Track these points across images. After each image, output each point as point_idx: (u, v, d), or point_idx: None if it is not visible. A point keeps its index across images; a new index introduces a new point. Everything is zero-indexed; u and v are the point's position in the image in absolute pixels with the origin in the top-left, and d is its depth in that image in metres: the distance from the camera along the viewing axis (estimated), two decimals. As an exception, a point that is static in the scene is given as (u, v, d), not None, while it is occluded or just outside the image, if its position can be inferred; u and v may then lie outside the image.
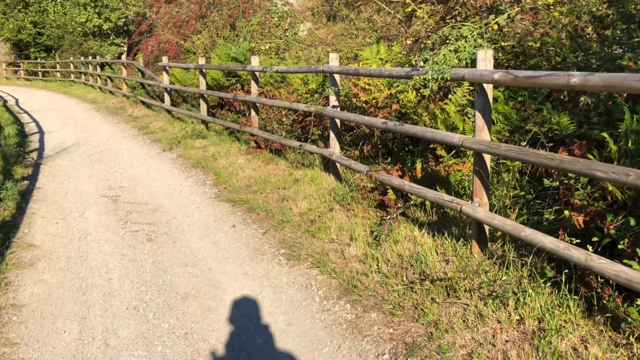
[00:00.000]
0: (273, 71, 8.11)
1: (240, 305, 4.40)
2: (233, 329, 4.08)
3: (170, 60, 16.02)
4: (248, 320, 4.18)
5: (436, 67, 4.50)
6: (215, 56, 12.78)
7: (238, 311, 4.31)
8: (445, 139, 4.63)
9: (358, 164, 6.27)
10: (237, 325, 4.11)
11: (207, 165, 9.14)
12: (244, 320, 4.18)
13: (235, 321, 4.17)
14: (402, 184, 5.27)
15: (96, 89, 23.66)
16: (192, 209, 6.95)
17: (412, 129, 5.10)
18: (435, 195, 4.80)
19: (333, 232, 5.51)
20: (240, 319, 4.19)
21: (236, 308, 4.36)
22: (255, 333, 4.01)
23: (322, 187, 6.84)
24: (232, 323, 4.15)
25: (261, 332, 4.01)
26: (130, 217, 6.70)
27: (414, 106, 6.36)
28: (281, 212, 6.34)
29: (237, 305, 4.40)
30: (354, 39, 12.46)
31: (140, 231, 6.18)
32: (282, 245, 5.52)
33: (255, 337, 3.96)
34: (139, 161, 9.93)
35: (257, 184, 7.63)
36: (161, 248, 5.66)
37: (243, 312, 4.30)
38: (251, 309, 4.34)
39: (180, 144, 11.04)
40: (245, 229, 6.11)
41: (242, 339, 3.93)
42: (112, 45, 28.25)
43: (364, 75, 5.91)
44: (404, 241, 4.97)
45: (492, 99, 4.32)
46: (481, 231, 4.44)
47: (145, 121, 14.52)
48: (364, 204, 5.95)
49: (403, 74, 5.14)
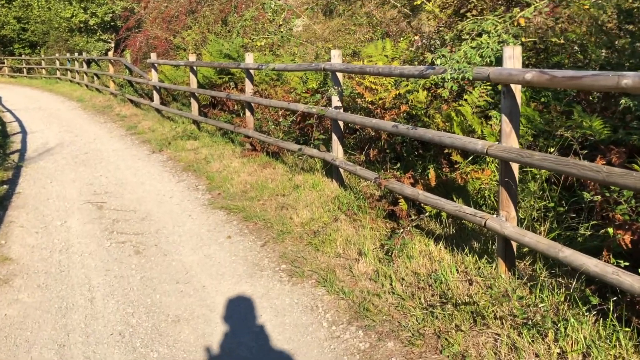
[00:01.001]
0: (269, 69, 7.68)
1: (239, 331, 3.98)
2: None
3: (159, 57, 15.57)
4: (247, 350, 3.75)
5: (456, 66, 4.10)
6: (206, 53, 12.33)
7: (236, 338, 3.89)
8: (466, 145, 4.23)
9: (364, 170, 5.86)
10: (236, 356, 3.69)
11: (199, 168, 8.71)
12: (243, 350, 3.75)
13: (233, 351, 3.75)
14: (415, 193, 4.86)
15: (83, 86, 23.15)
16: (183, 217, 6.51)
17: (427, 133, 4.69)
18: (455, 207, 4.39)
19: (339, 245, 5.10)
20: (240, 349, 3.77)
21: (234, 334, 3.94)
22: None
23: (324, 194, 6.42)
24: (230, 353, 3.73)
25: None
26: (116, 226, 6.26)
27: (425, 107, 5.95)
28: (281, 222, 5.92)
29: (234, 331, 3.98)
30: (352, 35, 12.06)
31: (127, 242, 5.74)
32: (283, 259, 5.10)
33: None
34: (127, 164, 9.48)
35: (253, 189, 7.21)
36: (150, 262, 5.23)
37: (242, 339, 3.87)
38: (251, 336, 3.91)
39: (170, 145, 10.60)
40: (242, 240, 5.69)
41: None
42: (98, 41, 27.71)
43: (372, 73, 5.50)
44: (419, 257, 4.57)
45: (520, 101, 3.92)
46: (508, 248, 4.04)
47: (133, 120, 14.06)
48: (372, 213, 5.54)
49: (416, 72, 4.73)
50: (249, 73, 8.86)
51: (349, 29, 12.41)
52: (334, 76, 6.40)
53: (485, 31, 4.19)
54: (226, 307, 4.32)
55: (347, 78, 7.28)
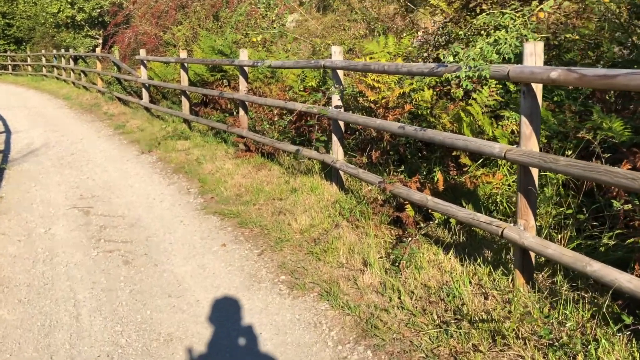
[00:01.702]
0: (265, 66, 7.40)
1: (237, 352, 3.71)
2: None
3: (149, 53, 15.24)
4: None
5: (472, 63, 3.84)
6: (197, 49, 12.03)
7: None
8: (481, 148, 3.97)
9: (367, 173, 5.60)
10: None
11: (190, 170, 8.42)
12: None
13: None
14: (423, 199, 4.60)
15: (69, 83, 22.78)
16: (175, 223, 6.23)
17: (437, 135, 4.43)
18: (468, 215, 4.14)
19: (342, 254, 4.84)
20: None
21: (232, 356, 3.67)
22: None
23: (323, 198, 6.16)
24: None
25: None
26: (103, 233, 5.97)
27: (430, 107, 5.70)
28: (278, 228, 5.65)
29: (233, 353, 3.71)
30: (346, 31, 11.81)
31: (115, 251, 5.46)
32: (282, 270, 4.83)
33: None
34: (115, 165, 9.18)
35: (248, 193, 6.93)
36: (140, 273, 4.95)
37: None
38: (251, 357, 3.65)
39: (160, 146, 10.30)
40: (238, 248, 5.41)
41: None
42: (86, 37, 27.29)
43: (376, 71, 5.23)
44: (428, 267, 4.31)
45: (541, 101, 3.67)
46: (526, 259, 3.79)
47: (121, 119, 13.75)
48: (375, 219, 5.28)
49: (426, 70, 4.47)
50: (243, 70, 8.57)
51: (344, 25, 12.16)
52: (334, 74, 6.13)
53: (502, 26, 3.94)
54: (222, 324, 4.05)
55: (346, 76, 7.01)
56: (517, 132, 5.00)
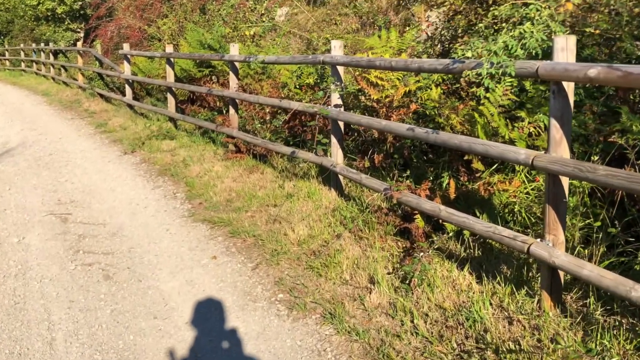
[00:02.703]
0: (258, 61, 7.02)
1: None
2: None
3: (132, 47, 14.81)
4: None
5: (494, 59, 3.50)
6: (184, 43, 11.63)
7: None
8: (504, 154, 3.63)
9: (371, 179, 5.24)
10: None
11: (177, 172, 8.03)
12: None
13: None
14: (435, 209, 4.25)
15: (49, 79, 22.25)
16: (160, 232, 5.85)
17: (452, 139, 4.08)
18: (487, 228, 3.79)
19: (345, 269, 4.48)
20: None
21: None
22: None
23: (322, 205, 5.80)
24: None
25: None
26: (82, 243, 5.58)
27: (438, 106, 5.36)
28: (274, 239, 5.29)
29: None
30: (338, 25, 11.47)
31: (95, 265, 5.07)
32: (280, 287, 4.47)
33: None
34: (96, 167, 8.77)
35: (240, 198, 6.56)
36: (122, 290, 4.57)
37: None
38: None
39: (144, 146, 9.89)
40: (230, 261, 5.05)
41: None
42: (67, 30, 26.73)
43: (383, 68, 4.88)
44: (441, 285, 3.97)
45: (573, 101, 3.34)
46: (555, 279, 3.46)
47: (103, 117, 13.31)
48: (380, 230, 4.93)
49: (440, 67, 4.12)
50: (233, 66, 8.19)
51: (335, 19, 11.82)
52: (334, 70, 5.76)
53: (528, 18, 3.59)
54: (215, 351, 3.68)
55: (345, 73, 6.66)
56: (535, 134, 4.68)
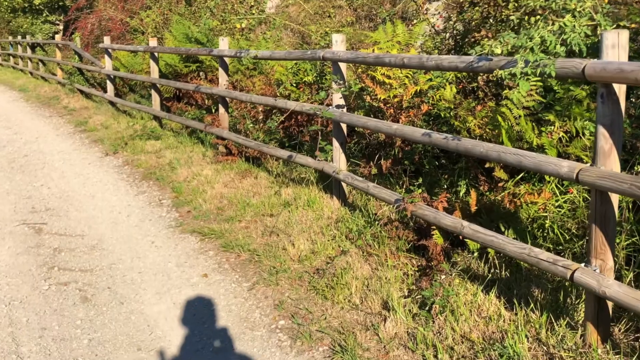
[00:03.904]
0: (250, 57, 6.60)
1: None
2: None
3: (114, 41, 14.32)
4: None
5: (531, 57, 3.11)
6: (170, 37, 11.17)
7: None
8: (541, 166, 3.24)
9: (380, 188, 4.84)
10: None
11: (162, 176, 7.60)
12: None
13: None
14: (457, 224, 3.86)
15: (26, 73, 21.69)
16: (144, 244, 5.43)
17: (477, 146, 3.69)
18: (521, 250, 3.40)
19: (355, 292, 4.08)
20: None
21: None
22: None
23: (323, 215, 5.40)
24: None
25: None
26: (58, 259, 5.14)
27: (454, 107, 4.97)
28: (272, 254, 4.88)
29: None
30: (332, 18, 11.07)
31: (71, 284, 4.64)
32: (280, 311, 4.06)
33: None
34: (75, 170, 8.32)
35: (232, 206, 6.14)
36: (101, 315, 4.15)
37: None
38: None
39: (127, 146, 9.44)
40: (223, 280, 4.63)
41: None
42: (45, 23, 26.10)
43: (392, 65, 4.47)
44: (466, 312, 3.59)
45: (624, 107, 2.96)
46: (602, 310, 3.08)
47: (83, 115, 12.83)
48: (392, 245, 4.53)
49: (462, 65, 3.73)
50: (223, 62, 7.75)
51: (328, 11, 11.43)
52: (335, 67, 5.36)
53: (567, 9, 3.21)
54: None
55: (347, 69, 6.26)
56: (565, 140, 4.31)
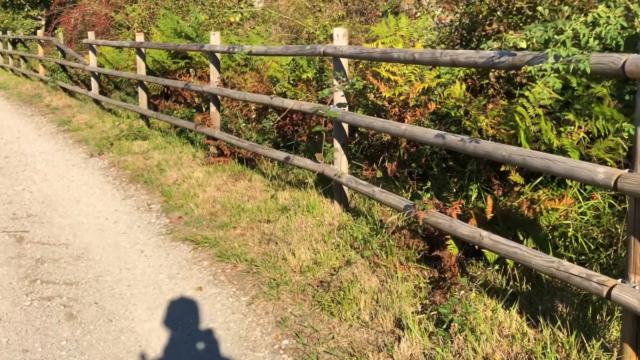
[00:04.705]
0: (245, 52, 6.31)
1: None
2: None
3: (98, 36, 13.97)
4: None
5: (563, 52, 2.86)
6: (157, 32, 10.86)
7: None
8: (573, 172, 2.99)
9: (387, 193, 4.57)
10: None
11: (151, 179, 7.31)
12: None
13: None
14: (475, 234, 3.61)
15: (7, 70, 21.31)
16: (133, 254, 5.15)
17: (498, 149, 3.43)
18: (548, 264, 3.15)
19: (364, 308, 3.82)
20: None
21: None
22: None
23: (324, 221, 5.14)
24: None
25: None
26: (41, 270, 4.85)
27: (463, 105, 4.72)
28: (271, 265, 4.61)
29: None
30: (322, 12, 10.82)
31: (55, 299, 4.36)
32: (283, 329, 3.80)
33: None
34: (58, 172, 8.01)
35: (226, 211, 5.87)
36: (88, 334, 3.86)
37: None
38: None
39: (113, 147, 9.13)
40: (219, 293, 4.36)
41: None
42: (26, 18, 25.60)
43: (402, 61, 4.21)
44: (487, 330, 3.34)
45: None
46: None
47: (67, 113, 12.50)
48: (400, 255, 4.27)
49: (481, 60, 3.47)
50: (214, 58, 7.46)
51: (318, 5, 11.18)
52: (336, 63, 5.09)
53: (599, 0, 2.96)
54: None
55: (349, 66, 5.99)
56: (587, 142, 4.07)
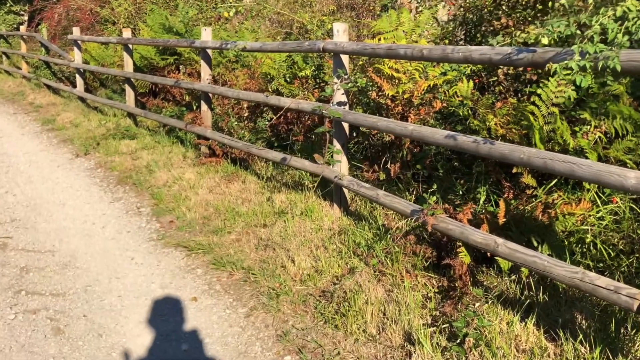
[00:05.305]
0: (239, 48, 6.09)
1: None
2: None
3: (83, 32, 13.71)
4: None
5: (590, 48, 2.68)
6: (144, 27, 10.62)
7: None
8: (601, 177, 2.81)
9: (392, 197, 4.38)
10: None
11: (140, 180, 7.09)
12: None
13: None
14: (489, 242, 3.43)
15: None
16: (123, 261, 4.93)
17: (515, 151, 3.25)
18: (572, 274, 2.98)
19: (370, 321, 3.63)
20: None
21: None
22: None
23: (323, 226, 4.95)
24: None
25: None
26: (25, 280, 4.63)
27: (471, 104, 4.54)
28: (269, 273, 4.42)
29: None
30: (312, 6, 10.62)
31: (41, 311, 4.14)
32: (285, 344, 3.61)
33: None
34: (42, 173, 7.76)
35: (219, 215, 5.67)
36: (77, 351, 3.65)
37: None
38: None
39: (99, 147, 8.90)
40: (215, 304, 4.16)
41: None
42: (9, 13, 25.22)
43: (410, 58, 4.02)
44: (504, 345, 3.16)
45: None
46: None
47: (51, 112, 12.23)
48: (407, 263, 4.09)
49: (497, 57, 3.29)
50: (205, 54, 7.24)
51: (308, 0, 10.98)
52: (337, 60, 4.90)
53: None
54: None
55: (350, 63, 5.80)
56: (604, 142, 3.91)
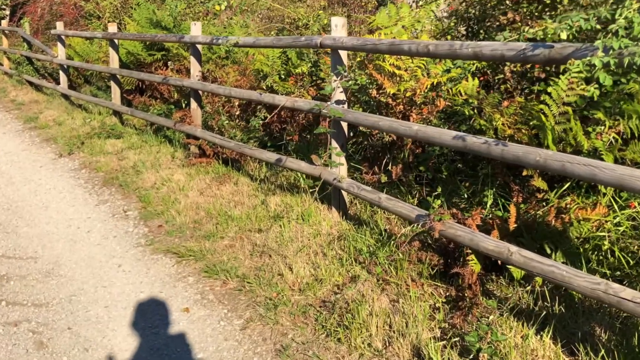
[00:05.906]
0: (231, 44, 5.90)
1: None
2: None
3: (67, 27, 13.46)
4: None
5: (615, 44, 2.52)
6: (131, 22, 10.40)
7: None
8: (624, 182, 2.62)
9: (395, 200, 4.21)
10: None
11: (126, 182, 6.88)
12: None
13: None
14: (502, 250, 3.26)
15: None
16: (110, 269, 4.73)
17: (531, 154, 3.08)
18: (594, 285, 2.81)
19: (375, 334, 3.46)
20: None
21: None
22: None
23: (322, 230, 4.77)
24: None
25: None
26: (6, 289, 4.43)
27: (477, 103, 4.38)
28: (266, 282, 4.24)
29: None
30: (303, 2, 10.46)
31: (23, 324, 3.94)
32: (285, 359, 3.43)
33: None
34: (24, 174, 7.54)
35: (211, 219, 5.48)
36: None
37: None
38: None
39: (84, 146, 8.67)
40: (208, 315, 3.97)
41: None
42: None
43: (414, 54, 3.85)
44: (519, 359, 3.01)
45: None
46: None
47: (33, 109, 11.98)
48: (412, 271, 3.92)
49: (510, 53, 3.12)
50: (195, 50, 7.03)
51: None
52: (336, 56, 4.72)
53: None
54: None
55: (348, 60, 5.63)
56: (619, 143, 3.76)
